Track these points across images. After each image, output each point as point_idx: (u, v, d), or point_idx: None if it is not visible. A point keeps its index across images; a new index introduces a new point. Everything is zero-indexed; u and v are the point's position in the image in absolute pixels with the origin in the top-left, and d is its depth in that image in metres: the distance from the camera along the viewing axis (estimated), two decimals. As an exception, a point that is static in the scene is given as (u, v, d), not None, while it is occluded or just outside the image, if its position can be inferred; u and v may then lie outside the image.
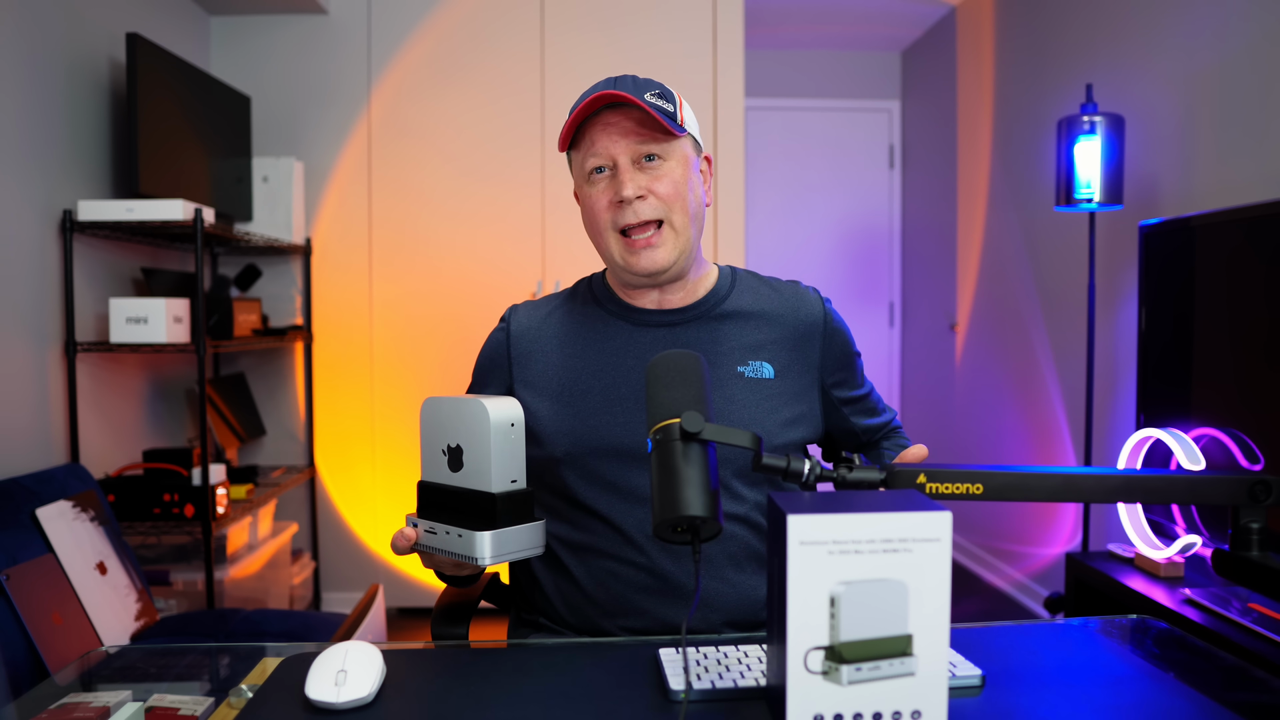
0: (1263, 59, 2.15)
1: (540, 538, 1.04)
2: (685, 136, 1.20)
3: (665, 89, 1.19)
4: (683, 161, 1.19)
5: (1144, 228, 2.21)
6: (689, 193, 1.19)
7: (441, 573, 1.14)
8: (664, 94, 1.18)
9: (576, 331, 1.25)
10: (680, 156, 1.19)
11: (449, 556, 1.03)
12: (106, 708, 0.86)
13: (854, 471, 0.84)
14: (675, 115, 1.18)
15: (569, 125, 1.17)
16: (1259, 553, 0.85)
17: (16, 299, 2.15)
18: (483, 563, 0.99)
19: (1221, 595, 1.79)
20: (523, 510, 1.02)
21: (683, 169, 1.18)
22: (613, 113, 1.16)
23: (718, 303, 1.25)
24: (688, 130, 1.20)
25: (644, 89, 1.17)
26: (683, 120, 1.19)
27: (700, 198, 1.22)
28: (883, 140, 4.65)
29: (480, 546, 0.98)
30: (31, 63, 2.20)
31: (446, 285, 3.24)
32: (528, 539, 1.02)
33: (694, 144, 1.23)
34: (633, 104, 1.14)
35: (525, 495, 1.03)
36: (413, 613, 3.30)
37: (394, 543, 1.07)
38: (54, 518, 1.94)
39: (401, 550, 1.07)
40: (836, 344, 1.27)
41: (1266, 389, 1.83)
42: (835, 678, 0.74)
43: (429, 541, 1.05)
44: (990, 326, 3.65)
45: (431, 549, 1.05)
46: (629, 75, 1.19)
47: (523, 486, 1.03)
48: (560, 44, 3.21)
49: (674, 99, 1.19)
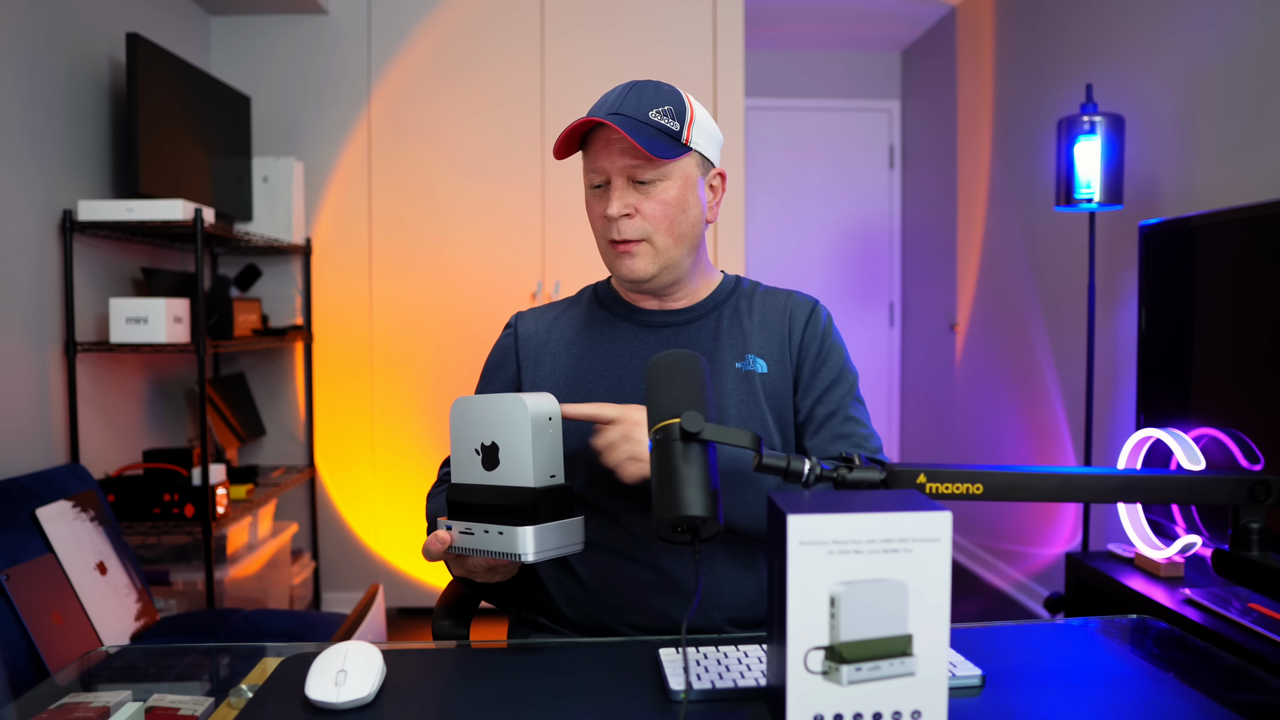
0: (1263, 59, 2.15)
1: (580, 534, 1.01)
2: (689, 155, 1.18)
3: (678, 103, 1.17)
4: (681, 181, 1.17)
5: (1144, 228, 2.21)
6: (680, 213, 1.17)
7: (471, 581, 1.10)
8: (674, 110, 1.16)
9: (582, 333, 1.27)
10: (680, 176, 1.17)
11: (488, 556, 0.99)
12: (106, 708, 0.86)
13: (854, 471, 0.84)
14: (680, 133, 1.16)
15: (563, 138, 1.16)
16: (1259, 553, 0.85)
17: (16, 299, 2.15)
18: (526, 558, 0.95)
19: (1221, 595, 1.79)
20: (563, 505, 1.00)
21: (680, 189, 1.17)
22: (613, 129, 1.15)
23: (719, 303, 1.26)
24: (693, 148, 1.18)
25: (651, 105, 1.15)
26: (689, 138, 1.17)
27: (697, 217, 1.20)
28: (883, 140, 4.65)
29: (523, 542, 0.95)
30: (31, 63, 2.20)
31: (446, 285, 3.24)
32: (569, 535, 0.99)
33: (701, 161, 1.20)
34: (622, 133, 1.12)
35: (565, 490, 1.00)
36: (413, 613, 3.30)
37: (427, 548, 1.03)
38: (54, 518, 1.94)
39: (435, 555, 1.03)
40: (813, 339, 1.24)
41: (1266, 389, 1.83)
42: (835, 678, 0.74)
43: (465, 544, 1.01)
44: (990, 326, 3.65)
45: (469, 550, 1.01)
46: (640, 87, 1.17)
47: (562, 481, 1.00)
48: (560, 44, 3.21)
49: (683, 115, 1.17)
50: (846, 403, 1.23)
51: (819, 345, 1.24)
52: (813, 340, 1.24)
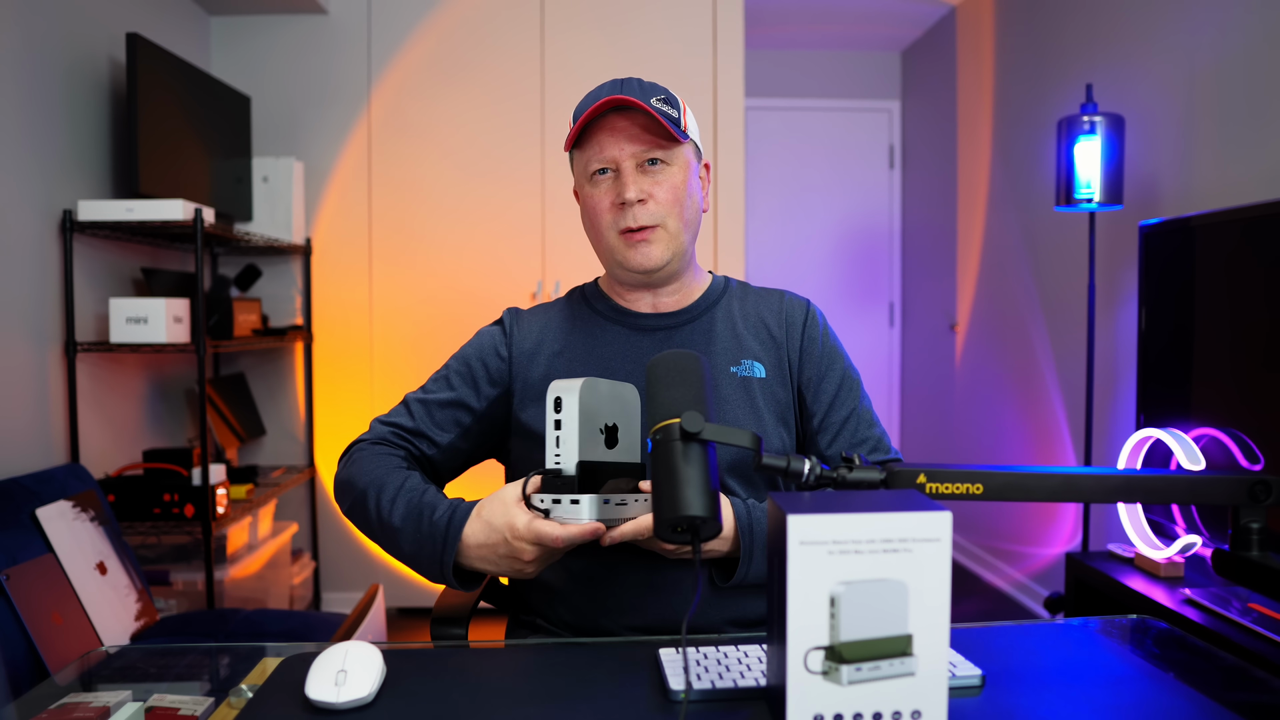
0: (1263, 59, 2.15)
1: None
2: (688, 143, 1.22)
3: (671, 95, 1.20)
4: (684, 167, 1.20)
5: (1144, 228, 2.21)
6: (687, 198, 1.20)
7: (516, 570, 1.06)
8: (669, 100, 1.19)
9: (573, 336, 1.26)
10: (682, 162, 1.20)
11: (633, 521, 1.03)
12: (106, 708, 0.86)
13: (854, 471, 0.84)
14: (679, 121, 1.19)
15: (577, 127, 1.18)
16: (1259, 553, 0.85)
17: (16, 299, 2.15)
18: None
19: (1221, 595, 1.79)
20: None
21: (683, 175, 1.20)
22: (619, 116, 1.17)
23: (710, 305, 1.27)
24: (690, 137, 1.21)
25: (650, 93, 1.18)
26: (685, 127, 1.20)
27: (698, 204, 1.24)
28: (883, 140, 4.65)
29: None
30: (31, 63, 2.20)
31: (446, 285, 3.24)
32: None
33: (695, 150, 1.24)
34: (639, 108, 1.15)
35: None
36: (413, 613, 3.30)
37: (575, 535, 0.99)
38: (54, 518, 1.94)
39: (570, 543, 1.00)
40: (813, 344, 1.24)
41: (1266, 389, 1.83)
42: (835, 678, 0.74)
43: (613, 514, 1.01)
44: (990, 326, 3.65)
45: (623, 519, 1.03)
46: (635, 78, 1.20)
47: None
48: (560, 44, 3.21)
49: (678, 105, 1.21)
50: (859, 405, 1.25)
51: (819, 349, 1.24)
52: (812, 344, 1.24)
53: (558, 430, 1.01)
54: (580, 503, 0.99)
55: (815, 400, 1.24)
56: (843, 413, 1.24)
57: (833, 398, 1.24)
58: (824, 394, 1.24)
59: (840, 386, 1.24)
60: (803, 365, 1.24)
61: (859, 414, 1.24)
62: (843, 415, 1.24)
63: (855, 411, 1.24)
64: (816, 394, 1.24)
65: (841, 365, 1.25)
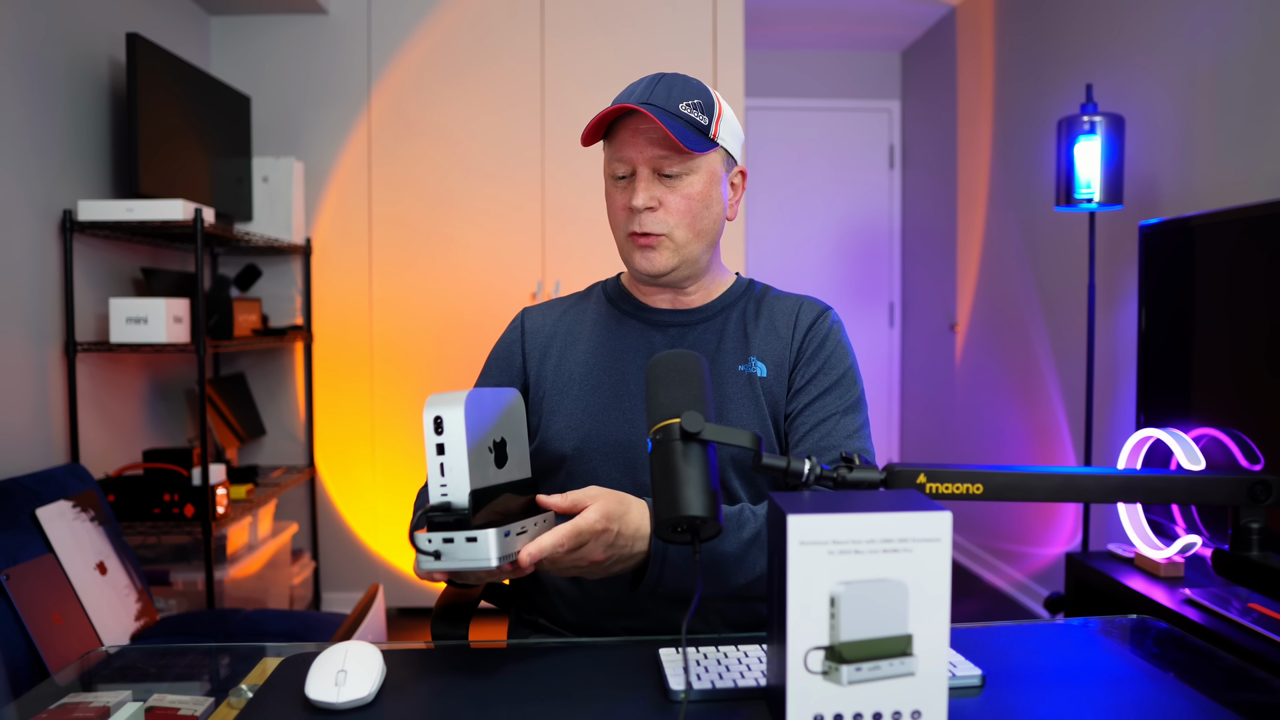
0: (1263, 59, 2.15)
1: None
2: (714, 151, 1.17)
3: (707, 99, 1.16)
4: (707, 176, 1.17)
5: (1144, 228, 2.21)
6: (704, 209, 1.17)
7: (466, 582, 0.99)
8: (704, 105, 1.15)
9: (589, 329, 1.26)
10: (706, 171, 1.16)
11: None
12: (106, 708, 0.86)
13: (854, 471, 0.84)
14: (708, 128, 1.15)
15: (594, 124, 1.15)
16: (1259, 553, 0.85)
17: (16, 299, 2.15)
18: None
19: (1221, 595, 1.79)
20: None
21: (705, 184, 1.16)
22: (642, 119, 1.14)
23: (728, 305, 1.25)
24: (720, 144, 1.17)
25: (681, 97, 1.14)
26: (716, 134, 1.16)
27: (719, 213, 1.20)
28: (883, 140, 4.65)
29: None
30: (31, 63, 2.20)
31: (447, 285, 3.24)
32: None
33: (725, 157, 1.20)
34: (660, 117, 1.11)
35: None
36: (413, 613, 3.30)
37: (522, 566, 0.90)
38: (54, 518, 1.94)
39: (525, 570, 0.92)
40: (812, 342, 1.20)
41: (1266, 389, 1.83)
42: (835, 678, 0.74)
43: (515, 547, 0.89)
44: (990, 326, 3.65)
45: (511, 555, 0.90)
46: (669, 79, 1.16)
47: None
48: (560, 44, 3.21)
49: (712, 110, 1.16)
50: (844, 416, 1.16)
51: (817, 347, 1.19)
52: (811, 343, 1.20)
53: (441, 456, 0.86)
54: (478, 540, 0.85)
55: (795, 397, 1.18)
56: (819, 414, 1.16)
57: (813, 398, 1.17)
58: (806, 393, 1.17)
59: (829, 390, 1.17)
60: (795, 363, 1.20)
61: (839, 423, 1.15)
62: (817, 417, 1.15)
63: (836, 419, 1.15)
64: (797, 391, 1.18)
65: (837, 370, 1.19)
